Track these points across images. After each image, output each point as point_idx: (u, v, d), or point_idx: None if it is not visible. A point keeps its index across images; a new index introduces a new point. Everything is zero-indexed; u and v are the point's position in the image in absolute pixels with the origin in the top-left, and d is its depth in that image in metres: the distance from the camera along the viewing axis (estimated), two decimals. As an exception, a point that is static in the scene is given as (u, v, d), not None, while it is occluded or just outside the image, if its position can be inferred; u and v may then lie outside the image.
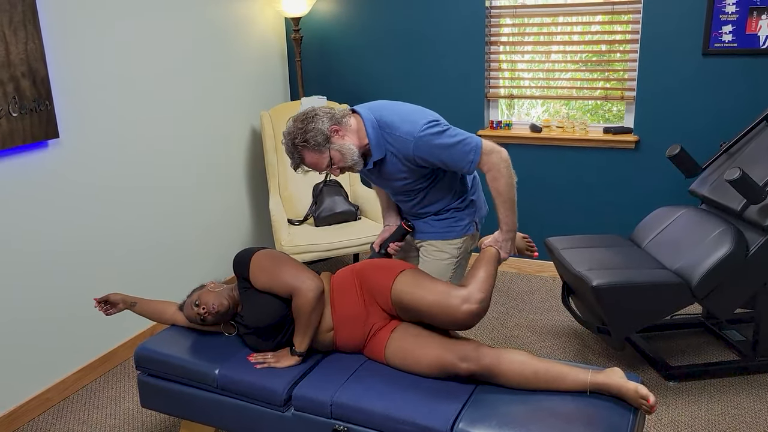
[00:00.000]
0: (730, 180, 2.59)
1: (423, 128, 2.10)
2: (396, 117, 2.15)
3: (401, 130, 2.12)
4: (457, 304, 2.02)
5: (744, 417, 2.62)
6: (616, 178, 3.78)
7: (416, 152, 2.12)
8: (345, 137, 2.15)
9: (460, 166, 2.14)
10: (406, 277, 2.14)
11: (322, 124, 2.11)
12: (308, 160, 2.16)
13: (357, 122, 2.18)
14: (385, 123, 2.15)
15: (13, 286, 2.71)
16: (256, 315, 2.21)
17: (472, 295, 2.03)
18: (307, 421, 2.10)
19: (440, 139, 2.10)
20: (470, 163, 2.12)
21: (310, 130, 2.10)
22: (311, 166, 2.17)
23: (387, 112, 2.18)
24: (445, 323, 2.08)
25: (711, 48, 3.38)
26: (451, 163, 2.14)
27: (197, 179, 3.70)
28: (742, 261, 2.67)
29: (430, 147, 2.10)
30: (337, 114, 2.16)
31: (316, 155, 2.13)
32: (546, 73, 3.92)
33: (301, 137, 2.11)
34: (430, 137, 2.09)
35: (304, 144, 2.11)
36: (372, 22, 4.12)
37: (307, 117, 2.13)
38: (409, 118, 2.14)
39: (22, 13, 2.57)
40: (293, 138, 2.13)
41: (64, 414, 2.85)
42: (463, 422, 1.88)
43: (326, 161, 2.15)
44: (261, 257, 2.24)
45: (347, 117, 2.18)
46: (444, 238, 2.36)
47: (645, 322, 2.78)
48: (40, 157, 2.77)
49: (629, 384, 1.92)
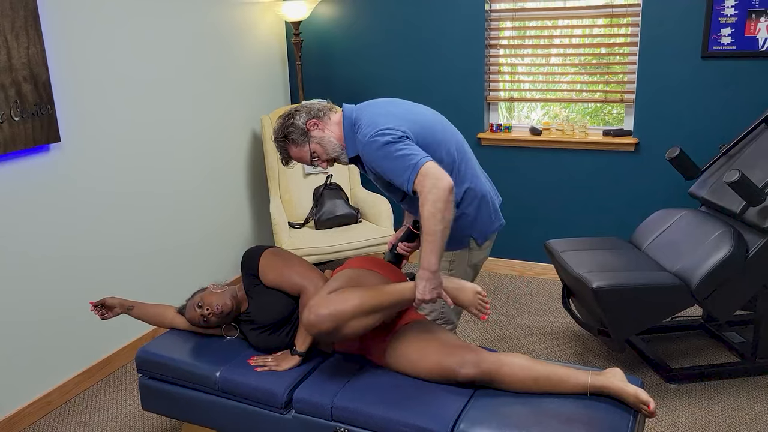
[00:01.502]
0: (729, 182, 2.60)
1: (373, 133, 2.04)
2: (367, 117, 2.12)
3: (361, 131, 2.10)
4: (306, 307, 2.01)
5: (744, 419, 2.62)
6: (615, 181, 3.78)
7: (365, 156, 2.10)
8: (325, 130, 2.19)
9: (399, 182, 2.02)
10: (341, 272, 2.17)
11: (299, 119, 2.18)
12: (293, 155, 2.23)
13: (339, 117, 2.23)
14: (358, 121, 2.15)
15: (14, 290, 2.71)
16: (265, 310, 2.22)
17: (320, 306, 1.95)
18: (307, 423, 2.10)
19: (384, 149, 2.02)
20: (407, 181, 1.99)
21: (289, 125, 2.18)
22: (297, 159, 2.24)
23: (366, 112, 2.15)
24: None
25: (710, 50, 3.39)
26: (391, 177, 2.04)
27: (198, 183, 3.71)
28: (742, 263, 2.67)
29: (372, 153, 2.06)
30: (315, 108, 2.21)
31: (298, 149, 2.20)
32: (546, 76, 3.93)
33: (282, 133, 2.19)
34: (374, 144, 2.04)
35: (285, 139, 2.20)
36: (372, 25, 4.14)
37: (289, 114, 2.21)
38: (373, 120, 2.08)
39: (24, 18, 2.58)
40: (278, 135, 2.22)
41: (65, 417, 2.85)
42: (464, 424, 1.89)
43: (308, 154, 2.20)
44: (271, 255, 2.27)
45: (329, 111, 2.24)
46: None
47: (645, 324, 2.78)
48: (41, 161, 2.78)
49: (629, 388, 1.91)
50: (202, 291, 2.37)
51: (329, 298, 1.96)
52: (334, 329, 1.94)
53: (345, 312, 1.93)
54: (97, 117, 3.03)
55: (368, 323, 2.00)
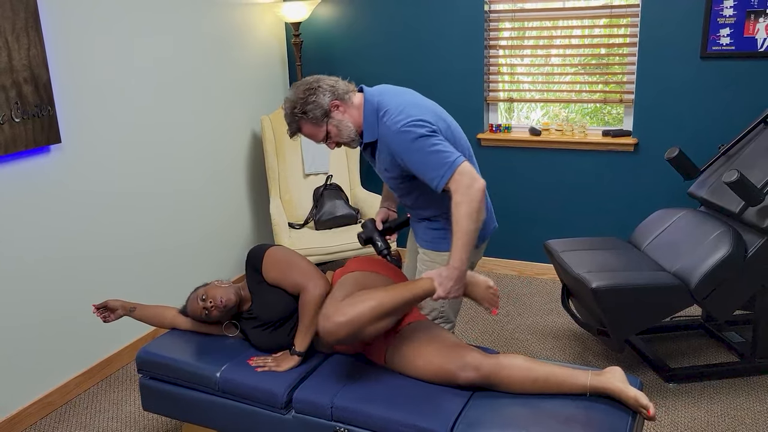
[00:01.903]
0: (728, 182, 2.60)
1: (407, 123, 1.99)
2: (394, 104, 2.07)
3: (389, 118, 2.04)
4: (321, 316, 1.95)
5: (744, 418, 2.63)
6: (615, 181, 3.79)
7: (392, 144, 2.04)
8: (345, 113, 2.12)
9: (430, 177, 1.98)
10: (346, 277, 2.15)
11: (323, 98, 2.08)
12: (305, 131, 2.15)
13: (360, 101, 2.15)
14: (383, 107, 2.08)
15: (14, 290, 2.72)
16: (268, 307, 2.23)
17: (337, 313, 1.90)
18: (307, 423, 2.11)
19: (418, 142, 1.98)
20: (440, 178, 1.96)
21: (311, 102, 2.08)
22: (308, 136, 2.16)
23: (389, 98, 2.11)
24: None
25: (709, 51, 3.40)
26: (422, 171, 2.00)
27: (198, 183, 3.72)
28: (741, 263, 2.68)
29: (403, 143, 2.00)
30: (340, 89, 2.12)
31: (314, 127, 2.12)
32: (545, 77, 3.93)
33: (300, 107, 2.09)
34: (409, 134, 1.99)
35: (303, 115, 2.10)
36: (372, 26, 4.14)
37: (310, 87, 2.10)
38: (403, 109, 2.04)
39: (25, 20, 2.59)
40: (293, 107, 2.10)
41: (66, 418, 2.86)
42: (463, 424, 1.89)
43: (323, 134, 2.14)
44: (275, 252, 2.27)
45: (351, 93, 2.15)
46: (435, 249, 2.27)
47: (644, 324, 2.78)
48: (42, 162, 2.79)
49: (629, 391, 1.91)
50: (206, 285, 2.38)
51: (343, 305, 1.93)
52: (353, 334, 1.91)
53: (362, 317, 1.91)
54: (97, 118, 3.03)
55: (386, 325, 1.99)
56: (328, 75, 2.20)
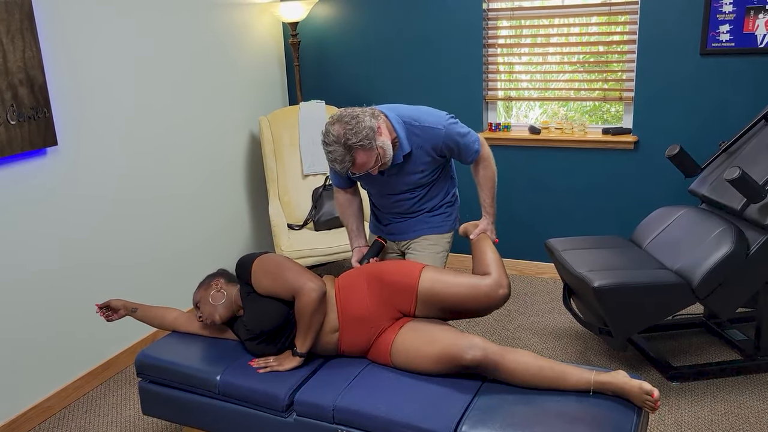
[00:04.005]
0: (729, 179, 2.59)
1: (448, 119, 2.36)
2: (416, 112, 2.34)
3: (429, 121, 2.31)
4: (491, 291, 2.18)
5: (747, 416, 2.62)
6: (615, 179, 3.78)
7: (446, 140, 2.33)
8: (382, 134, 2.19)
9: (467, 154, 2.40)
10: (429, 272, 2.22)
11: (369, 122, 2.13)
12: (359, 160, 2.15)
13: (383, 120, 2.24)
14: (410, 117, 2.31)
15: (12, 295, 2.70)
16: (259, 319, 2.21)
17: (501, 280, 2.21)
18: (309, 426, 2.09)
19: (459, 128, 2.37)
20: (475, 153, 2.41)
21: (362, 129, 2.11)
22: (360, 166, 2.17)
23: (405, 110, 2.35)
24: (477, 310, 2.24)
25: (709, 48, 3.39)
26: (464, 152, 2.39)
27: (197, 185, 3.70)
28: (743, 260, 2.66)
29: (453, 136, 2.34)
30: (370, 112, 2.19)
31: (368, 154, 2.14)
32: (544, 75, 3.92)
33: (355, 137, 2.10)
34: (454, 127, 2.35)
35: (359, 144, 2.10)
36: (369, 26, 4.13)
37: (353, 118, 2.13)
38: (429, 112, 2.36)
39: (20, 21, 2.57)
40: (346, 140, 2.10)
41: (65, 422, 2.84)
42: (467, 425, 1.88)
43: (375, 158, 2.17)
44: (263, 262, 2.25)
45: (377, 115, 2.23)
46: (438, 231, 2.52)
47: (646, 322, 2.77)
48: (38, 164, 2.77)
49: (633, 381, 1.93)
50: (211, 279, 2.40)
51: (495, 275, 2.23)
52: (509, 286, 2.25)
53: (505, 270, 2.28)
54: (94, 120, 3.01)
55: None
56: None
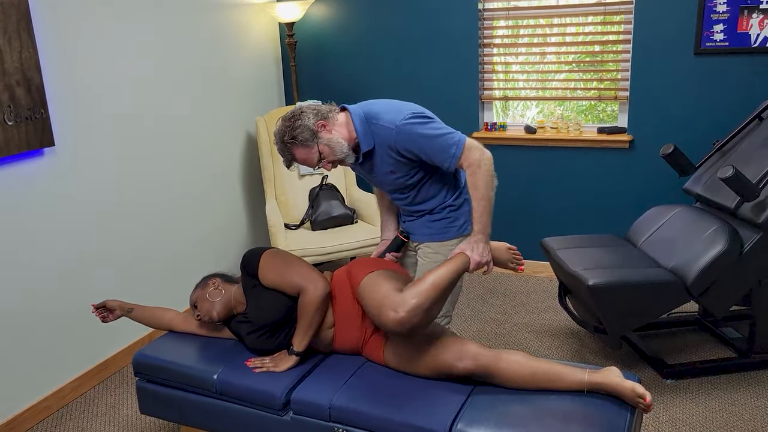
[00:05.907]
0: (723, 178, 2.61)
1: (406, 117, 2.13)
2: (381, 108, 2.20)
3: (384, 120, 2.16)
4: (385, 311, 1.97)
5: (741, 414, 2.63)
6: (610, 178, 3.79)
7: (398, 141, 2.14)
8: (332, 131, 2.19)
9: (441, 159, 2.14)
10: (370, 277, 2.13)
11: (308, 120, 2.16)
12: (299, 156, 2.21)
13: (345, 117, 2.24)
14: (371, 114, 2.20)
15: (9, 294, 2.70)
16: (262, 311, 2.23)
17: (403, 303, 1.95)
18: (306, 424, 2.10)
19: (423, 129, 2.12)
20: (452, 158, 2.12)
21: (297, 126, 2.16)
22: (302, 161, 2.22)
23: (374, 105, 2.23)
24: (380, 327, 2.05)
25: (703, 47, 3.40)
26: (433, 156, 2.14)
27: (193, 185, 3.71)
28: (737, 258, 2.68)
29: (412, 136, 2.12)
30: (323, 110, 2.21)
31: (306, 150, 2.18)
32: (540, 75, 3.93)
33: (290, 134, 2.17)
34: (412, 126, 2.12)
35: (292, 141, 2.17)
36: (366, 25, 4.14)
37: (294, 115, 2.19)
38: (394, 108, 2.18)
39: (17, 22, 2.57)
40: (282, 136, 2.19)
41: (63, 422, 2.85)
42: (462, 423, 1.89)
43: (316, 156, 2.20)
44: (271, 255, 2.27)
45: (334, 112, 2.23)
46: (440, 240, 2.35)
47: (641, 320, 2.79)
48: (35, 165, 2.77)
49: (626, 383, 1.93)
50: (208, 279, 2.41)
51: (404, 295, 1.97)
52: (425, 318, 1.97)
53: (427, 298, 1.97)
54: (91, 121, 3.02)
55: (442, 304, 2.06)
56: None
